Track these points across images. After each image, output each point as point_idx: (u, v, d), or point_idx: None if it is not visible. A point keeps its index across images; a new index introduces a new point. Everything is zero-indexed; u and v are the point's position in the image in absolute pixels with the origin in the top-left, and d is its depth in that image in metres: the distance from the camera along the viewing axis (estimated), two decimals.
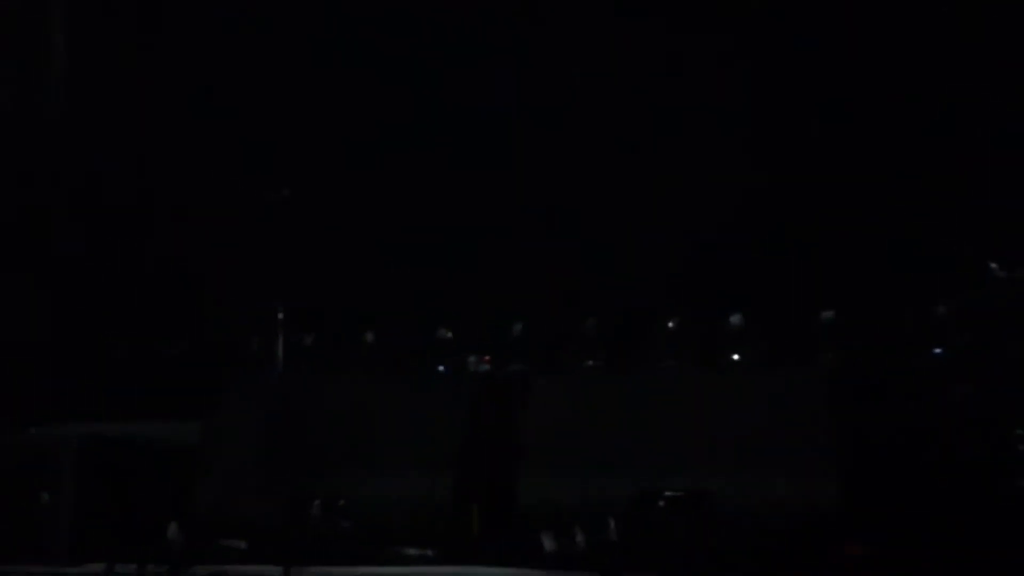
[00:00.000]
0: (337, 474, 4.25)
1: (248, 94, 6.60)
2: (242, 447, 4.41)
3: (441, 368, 5.94)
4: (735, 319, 5.58)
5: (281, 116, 6.51)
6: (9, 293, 6.45)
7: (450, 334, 6.14)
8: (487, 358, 5.96)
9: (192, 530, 4.12)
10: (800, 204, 5.68)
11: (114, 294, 6.59)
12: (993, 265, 3.98)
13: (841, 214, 5.50)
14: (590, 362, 5.81)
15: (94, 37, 7.01)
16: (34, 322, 6.39)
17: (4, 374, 6.01)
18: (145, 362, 6.35)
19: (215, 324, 6.41)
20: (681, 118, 5.93)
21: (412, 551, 3.99)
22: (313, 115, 6.48)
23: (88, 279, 6.58)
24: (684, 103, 5.92)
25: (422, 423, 4.28)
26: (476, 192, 6.27)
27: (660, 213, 6.01)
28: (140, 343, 6.49)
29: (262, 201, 6.02)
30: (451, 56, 6.35)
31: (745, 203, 5.77)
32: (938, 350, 4.78)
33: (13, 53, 7.00)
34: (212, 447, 4.48)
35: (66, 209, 6.70)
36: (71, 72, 7.04)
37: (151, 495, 4.24)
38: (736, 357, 5.48)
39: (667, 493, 3.82)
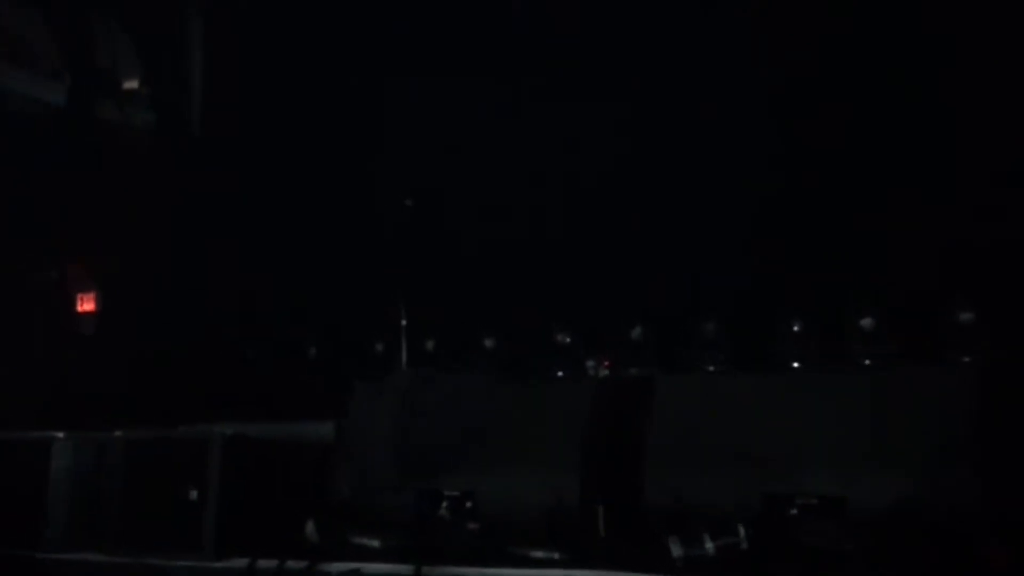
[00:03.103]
0: (464, 476, 4.31)
1: (374, 104, 6.81)
2: (373, 447, 4.54)
3: (560, 373, 5.98)
4: (866, 322, 5.41)
5: (411, 121, 6.69)
6: (159, 300, 6.85)
7: (568, 339, 6.18)
8: (607, 362, 5.96)
9: (327, 527, 4.26)
10: (929, 192, 5.46)
11: (251, 301, 6.90)
12: None
13: (978, 203, 5.26)
14: (711, 367, 5.74)
15: (230, 58, 7.38)
16: (181, 328, 6.76)
17: (155, 377, 6.38)
18: (279, 366, 6.63)
19: (343, 330, 6.63)
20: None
21: (538, 553, 4.00)
22: (437, 120, 6.63)
23: (229, 287, 6.92)
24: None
25: (547, 425, 4.30)
26: (589, 196, 6.28)
27: (781, 211, 5.88)
28: (275, 348, 6.78)
29: (385, 211, 6.20)
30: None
31: (870, 198, 5.59)
32: None
33: (152, 76, 7.44)
34: (345, 447, 4.62)
35: (205, 222, 7.07)
36: (208, 93, 7.42)
37: (290, 493, 4.41)
38: (867, 362, 5.32)
39: (799, 500, 3.71)
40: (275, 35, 7.14)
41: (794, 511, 3.68)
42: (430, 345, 6.24)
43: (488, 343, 6.26)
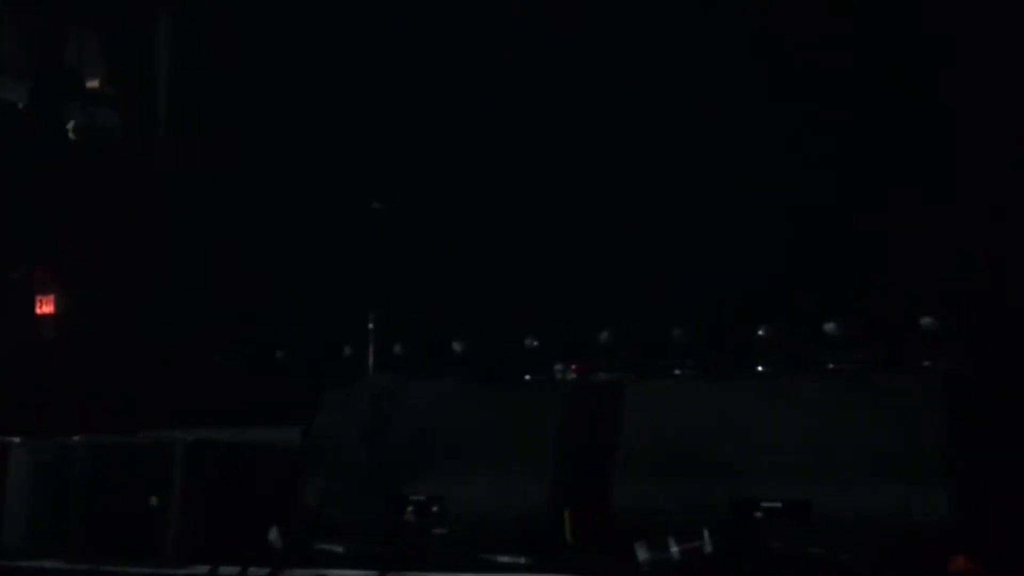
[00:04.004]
0: (431, 480, 4.29)
1: (346, 109, 6.76)
2: (339, 453, 4.51)
3: (528, 377, 5.97)
4: (829, 327, 5.44)
5: (379, 124, 6.64)
6: (121, 304, 6.76)
7: (536, 343, 6.17)
8: (574, 367, 5.96)
9: (292, 533, 4.22)
10: (894, 203, 5.49)
11: (217, 304, 6.83)
12: None
13: (938, 211, 5.30)
14: (677, 371, 5.75)
15: (199, 56, 7.30)
16: (145, 331, 6.68)
17: (116, 380, 6.29)
18: (247, 370, 6.56)
19: (311, 334, 6.58)
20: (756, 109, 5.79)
21: (505, 558, 4.00)
22: (407, 122, 6.58)
23: (191, 289, 6.84)
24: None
25: (516, 429, 4.29)
26: (554, 202, 6.28)
27: (748, 215, 5.90)
28: (241, 352, 6.71)
29: (353, 213, 6.17)
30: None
31: (838, 203, 5.62)
32: None
33: (119, 76, 7.35)
34: (311, 452, 4.59)
35: (165, 220, 6.99)
36: (177, 93, 7.34)
37: (255, 499, 4.36)
38: (831, 366, 5.35)
39: (764, 504, 3.73)
40: (246, 33, 7.07)
41: (759, 515, 3.69)
42: (399, 349, 6.21)
43: (457, 347, 6.23)
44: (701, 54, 5.86)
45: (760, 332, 5.59)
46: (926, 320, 5.28)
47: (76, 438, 4.70)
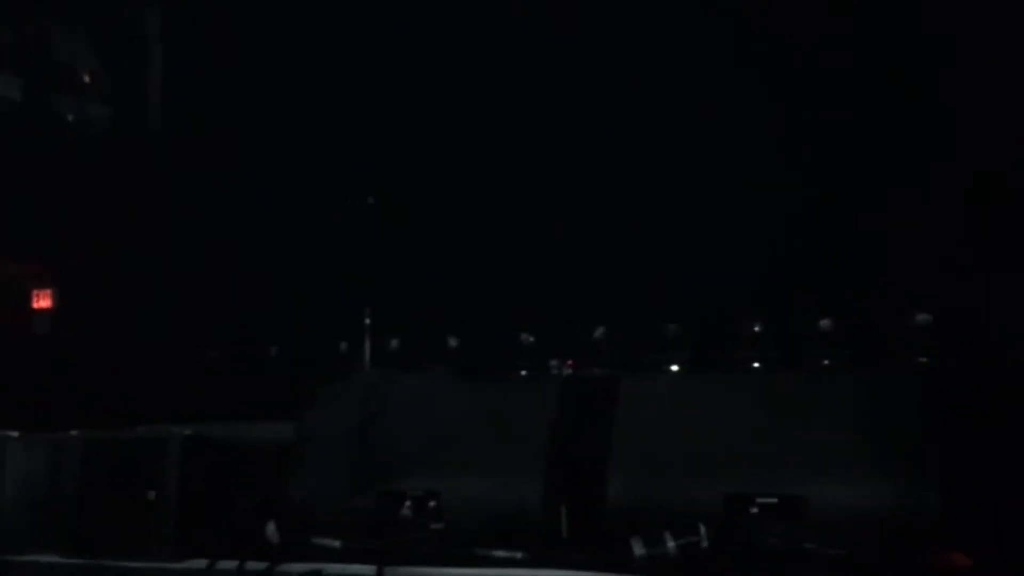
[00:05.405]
0: (427, 476, 4.31)
1: (340, 100, 6.74)
2: (335, 447, 4.52)
3: (524, 372, 5.99)
4: (824, 323, 5.48)
5: (370, 118, 6.62)
6: (116, 299, 6.75)
7: (532, 339, 6.19)
8: (570, 362, 5.98)
9: (288, 528, 4.24)
10: (882, 201, 5.52)
11: (211, 300, 6.82)
12: None
13: (927, 206, 5.33)
14: (674, 367, 5.79)
15: (190, 49, 7.27)
16: (139, 328, 6.67)
17: (112, 377, 6.29)
18: (242, 366, 6.56)
19: (305, 329, 6.58)
20: (750, 111, 5.80)
21: (501, 553, 4.02)
22: (399, 116, 6.57)
23: (186, 286, 6.83)
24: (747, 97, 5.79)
25: (511, 425, 4.31)
26: (552, 197, 6.29)
27: (739, 212, 5.93)
28: (236, 348, 6.70)
29: (348, 208, 6.17)
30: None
31: (826, 200, 5.65)
32: None
33: (110, 69, 7.32)
34: (306, 447, 4.60)
35: (161, 217, 6.97)
36: (168, 85, 7.31)
37: (251, 493, 4.37)
38: (826, 362, 5.39)
39: (759, 500, 3.76)
40: (237, 28, 7.04)
41: (755, 510, 3.72)
42: (394, 344, 6.22)
43: (453, 342, 6.25)
44: (699, 52, 5.87)
45: (754, 328, 5.63)
46: (916, 316, 5.32)
47: (72, 433, 4.70)
